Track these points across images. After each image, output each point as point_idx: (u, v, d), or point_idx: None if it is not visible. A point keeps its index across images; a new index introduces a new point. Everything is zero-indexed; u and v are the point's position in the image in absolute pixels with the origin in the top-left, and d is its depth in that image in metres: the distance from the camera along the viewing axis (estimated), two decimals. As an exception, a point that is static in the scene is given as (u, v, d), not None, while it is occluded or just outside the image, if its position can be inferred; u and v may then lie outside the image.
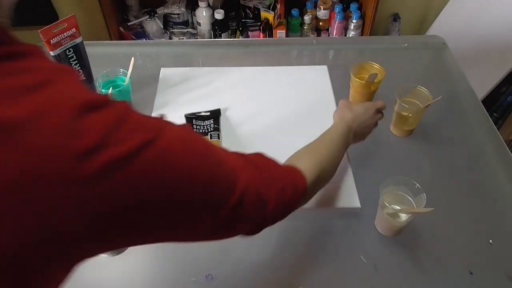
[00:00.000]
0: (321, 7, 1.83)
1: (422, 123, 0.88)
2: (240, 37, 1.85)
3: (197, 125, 0.88)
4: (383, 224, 0.71)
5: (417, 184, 0.68)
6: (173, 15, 1.84)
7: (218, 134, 0.87)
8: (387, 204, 0.66)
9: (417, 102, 0.86)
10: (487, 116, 0.94)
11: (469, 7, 1.70)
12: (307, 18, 1.83)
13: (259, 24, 1.81)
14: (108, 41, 1.61)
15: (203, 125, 0.88)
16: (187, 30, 1.87)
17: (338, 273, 0.67)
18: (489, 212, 0.76)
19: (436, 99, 0.82)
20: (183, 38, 1.84)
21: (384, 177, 0.69)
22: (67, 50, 0.89)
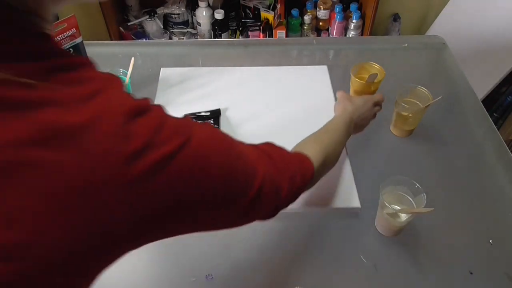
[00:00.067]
0: (321, 7, 1.83)
1: (422, 123, 0.88)
2: (240, 37, 1.85)
3: (197, 125, 0.88)
4: (383, 224, 0.71)
5: (417, 184, 0.68)
6: (173, 15, 1.84)
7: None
8: (387, 204, 0.66)
9: (417, 102, 0.86)
10: (487, 116, 0.94)
11: (469, 7, 1.70)
12: (307, 18, 1.83)
13: (259, 24, 1.81)
14: (108, 41, 1.61)
15: (203, 125, 0.88)
16: (187, 30, 1.87)
17: (338, 273, 0.67)
18: (489, 212, 0.76)
19: (436, 99, 0.82)
20: (183, 38, 1.84)
21: (384, 177, 0.69)
22: (67, 50, 0.89)
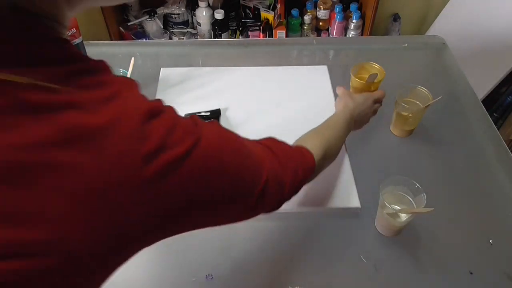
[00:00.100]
0: (321, 7, 1.83)
1: (422, 123, 0.88)
2: (240, 37, 1.85)
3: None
4: (383, 224, 0.71)
5: (417, 184, 0.68)
6: (173, 15, 1.84)
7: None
8: (387, 204, 0.66)
9: (417, 102, 0.86)
10: (487, 116, 0.94)
11: (469, 7, 1.70)
12: (307, 18, 1.83)
13: (259, 24, 1.81)
14: (108, 41, 1.61)
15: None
16: (187, 30, 1.87)
17: (338, 273, 0.67)
18: (489, 212, 0.76)
19: (436, 99, 0.82)
20: (183, 38, 1.84)
21: (384, 177, 0.69)
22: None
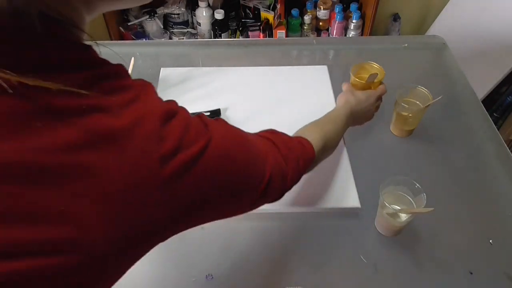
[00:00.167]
0: (321, 7, 1.83)
1: (422, 123, 0.88)
2: (240, 37, 1.85)
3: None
4: (383, 224, 0.71)
5: (417, 184, 0.68)
6: (173, 15, 1.84)
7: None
8: (387, 204, 0.66)
9: (417, 102, 0.86)
10: (487, 116, 0.94)
11: (469, 7, 1.70)
12: (307, 18, 1.83)
13: (259, 24, 1.81)
14: (108, 41, 1.61)
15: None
16: (187, 30, 1.87)
17: (338, 273, 0.67)
18: (489, 212, 0.76)
19: (436, 99, 0.82)
20: (183, 38, 1.84)
21: (384, 177, 0.69)
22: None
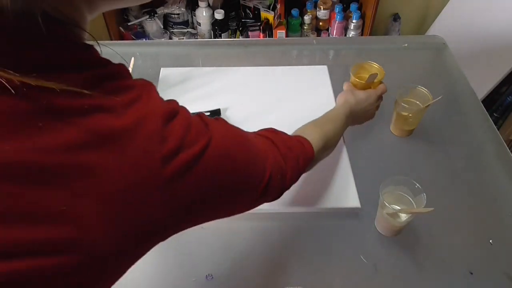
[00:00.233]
0: (321, 7, 1.83)
1: (422, 123, 0.88)
2: (240, 37, 1.85)
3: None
4: (383, 224, 0.71)
5: (417, 184, 0.68)
6: (173, 15, 1.84)
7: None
8: (387, 204, 0.66)
9: (417, 102, 0.86)
10: (487, 116, 0.94)
11: (469, 7, 1.70)
12: (307, 18, 1.83)
13: (259, 24, 1.81)
14: (108, 41, 1.61)
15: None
16: (187, 30, 1.87)
17: (338, 273, 0.67)
18: (489, 212, 0.76)
19: (436, 99, 0.82)
20: (183, 38, 1.84)
21: (384, 177, 0.69)
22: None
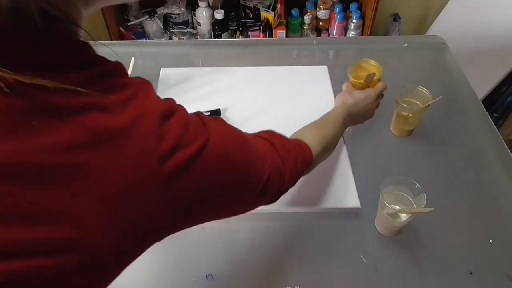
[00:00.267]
0: (321, 7, 1.83)
1: (422, 123, 0.88)
2: (240, 37, 1.85)
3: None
4: (383, 224, 0.71)
5: (417, 184, 0.68)
6: (173, 15, 1.84)
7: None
8: (387, 204, 0.66)
9: (417, 102, 0.86)
10: (487, 116, 0.94)
11: (469, 7, 1.70)
12: (307, 18, 1.83)
13: (259, 24, 1.81)
14: (108, 41, 1.61)
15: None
16: (187, 30, 1.87)
17: (338, 273, 0.67)
18: (489, 212, 0.76)
19: (436, 99, 0.82)
20: (183, 38, 1.84)
21: (384, 177, 0.69)
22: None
